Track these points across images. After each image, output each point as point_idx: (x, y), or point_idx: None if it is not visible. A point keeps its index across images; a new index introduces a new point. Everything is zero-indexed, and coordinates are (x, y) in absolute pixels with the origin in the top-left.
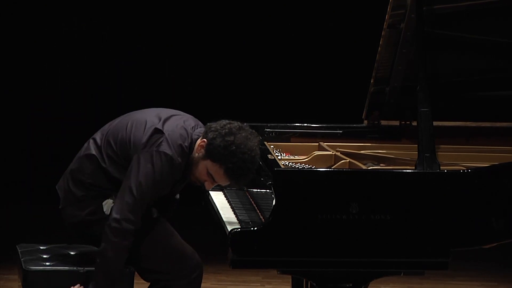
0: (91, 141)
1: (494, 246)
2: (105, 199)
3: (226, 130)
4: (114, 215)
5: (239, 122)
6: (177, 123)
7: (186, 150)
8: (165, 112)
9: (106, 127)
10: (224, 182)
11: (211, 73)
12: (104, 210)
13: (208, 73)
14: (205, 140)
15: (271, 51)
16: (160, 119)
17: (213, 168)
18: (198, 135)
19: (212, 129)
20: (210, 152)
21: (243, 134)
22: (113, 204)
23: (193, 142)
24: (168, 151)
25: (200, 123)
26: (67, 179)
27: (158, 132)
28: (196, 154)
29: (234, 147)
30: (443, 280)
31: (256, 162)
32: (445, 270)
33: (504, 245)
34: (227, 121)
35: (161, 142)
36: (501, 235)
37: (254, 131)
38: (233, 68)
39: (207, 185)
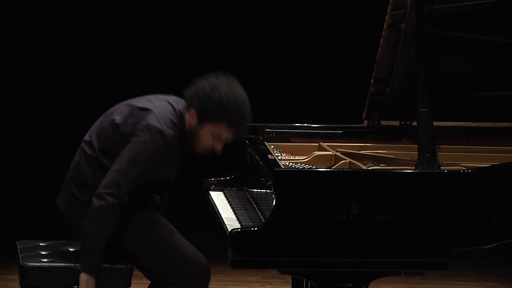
0: (82, 144)
1: (494, 246)
2: None
3: (208, 89)
4: (99, 189)
5: (213, 75)
6: (162, 99)
7: (177, 123)
8: (147, 96)
9: (92, 126)
10: (230, 136)
11: (210, 73)
12: None
13: (208, 73)
14: (194, 109)
15: (271, 51)
16: (144, 101)
17: (215, 128)
18: (184, 107)
19: (194, 96)
20: (205, 116)
21: (224, 85)
22: None
23: (182, 115)
24: (158, 125)
25: (181, 99)
26: (71, 190)
27: (144, 110)
28: (192, 126)
29: (225, 102)
30: (443, 280)
31: (248, 102)
32: (445, 270)
33: (504, 245)
34: (203, 80)
35: (149, 118)
36: (501, 235)
37: (229, 75)
38: (233, 68)
39: (217, 147)
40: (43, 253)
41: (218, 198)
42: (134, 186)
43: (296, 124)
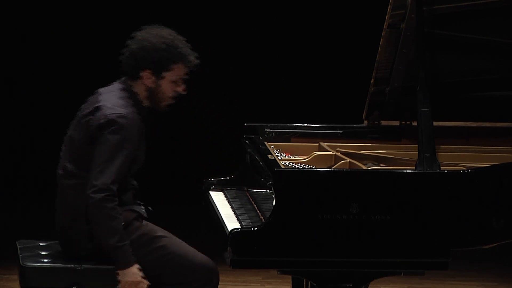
0: (61, 182)
1: (494, 246)
2: None
3: (146, 43)
4: (86, 191)
5: (133, 35)
6: (101, 93)
7: (129, 100)
8: (87, 101)
9: (60, 160)
10: (187, 73)
11: (210, 73)
12: None
13: (208, 73)
14: (145, 70)
15: (271, 51)
16: (88, 105)
17: (173, 72)
18: (127, 84)
19: (136, 60)
20: (161, 66)
21: (153, 32)
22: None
23: (130, 91)
24: (115, 111)
25: (116, 82)
26: (79, 229)
27: (95, 110)
28: (152, 86)
29: (169, 42)
30: (443, 280)
31: (177, 34)
32: (445, 270)
33: (504, 245)
34: (131, 44)
35: (104, 112)
36: (501, 235)
37: (147, 26)
38: (233, 68)
39: (180, 90)
40: (43, 253)
41: (218, 198)
42: (121, 176)
43: (296, 124)
